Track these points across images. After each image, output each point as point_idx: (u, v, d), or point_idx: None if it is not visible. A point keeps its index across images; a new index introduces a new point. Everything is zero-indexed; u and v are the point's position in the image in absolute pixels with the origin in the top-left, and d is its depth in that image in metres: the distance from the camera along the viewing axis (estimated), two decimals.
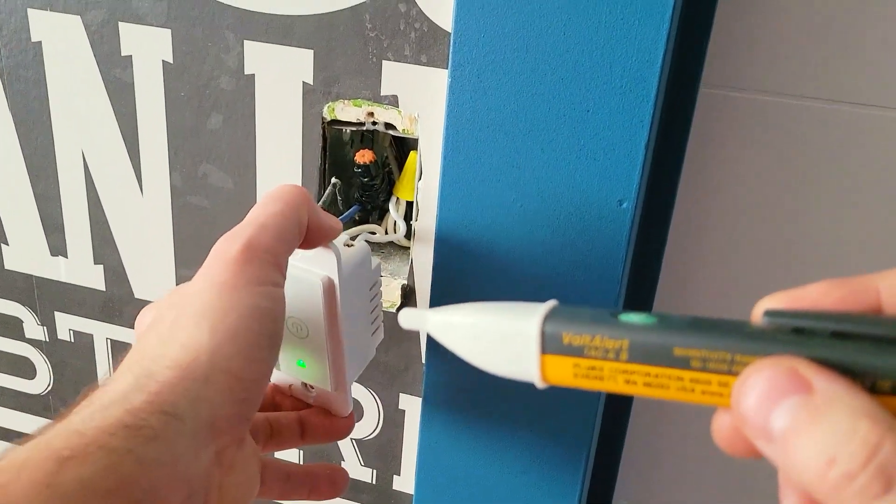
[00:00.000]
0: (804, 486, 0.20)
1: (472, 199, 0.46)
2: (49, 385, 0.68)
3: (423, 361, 0.54)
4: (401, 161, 0.57)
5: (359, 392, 0.58)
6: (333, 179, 0.52)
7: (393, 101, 0.48)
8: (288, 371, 0.46)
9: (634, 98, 0.41)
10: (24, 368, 0.68)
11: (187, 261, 0.58)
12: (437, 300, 0.51)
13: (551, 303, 0.27)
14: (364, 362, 0.50)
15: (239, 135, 0.52)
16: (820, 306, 0.23)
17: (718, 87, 0.52)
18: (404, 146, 0.58)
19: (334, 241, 0.42)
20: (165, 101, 0.53)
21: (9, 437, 0.72)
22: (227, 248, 0.36)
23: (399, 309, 0.53)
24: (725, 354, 0.22)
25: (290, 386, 0.48)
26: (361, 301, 0.47)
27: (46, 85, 0.55)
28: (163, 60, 0.51)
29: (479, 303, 0.29)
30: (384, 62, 0.47)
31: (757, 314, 0.24)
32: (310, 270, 0.41)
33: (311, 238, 0.40)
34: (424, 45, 0.46)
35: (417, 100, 0.47)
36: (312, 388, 0.46)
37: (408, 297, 0.53)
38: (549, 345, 0.26)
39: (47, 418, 0.70)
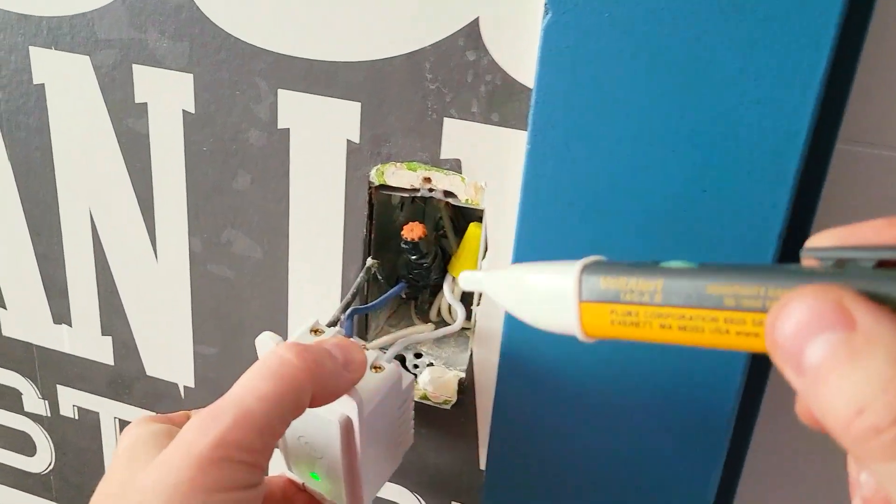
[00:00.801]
0: (827, 427, 0.19)
1: None
2: (50, 464, 0.60)
3: (484, 468, 0.46)
4: (458, 228, 0.49)
5: (399, 494, 0.50)
6: (369, 261, 0.44)
7: (455, 166, 0.40)
8: (300, 477, 0.40)
9: (769, 182, 0.33)
10: (23, 444, 0.60)
11: (206, 338, 0.50)
12: (503, 402, 0.42)
13: (596, 256, 0.27)
14: (388, 474, 0.43)
15: (269, 198, 0.44)
16: (871, 242, 0.21)
17: (854, 143, 0.44)
18: (463, 212, 0.50)
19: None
20: (185, 156, 0.45)
21: None
22: (195, 440, 0.29)
23: (454, 405, 0.45)
24: (759, 289, 0.21)
25: (303, 483, 0.41)
26: (387, 425, 0.40)
27: (50, 133, 0.48)
28: (183, 110, 0.44)
29: (541, 263, 0.29)
30: (446, 120, 0.39)
31: (809, 245, 0.22)
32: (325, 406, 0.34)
33: (322, 402, 0.33)
34: (496, 101, 0.37)
35: (485, 165, 0.39)
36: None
37: (465, 392, 0.45)
38: (587, 292, 0.25)
39: (48, 500, 0.62)
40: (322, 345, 0.33)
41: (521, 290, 0.28)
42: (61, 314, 0.53)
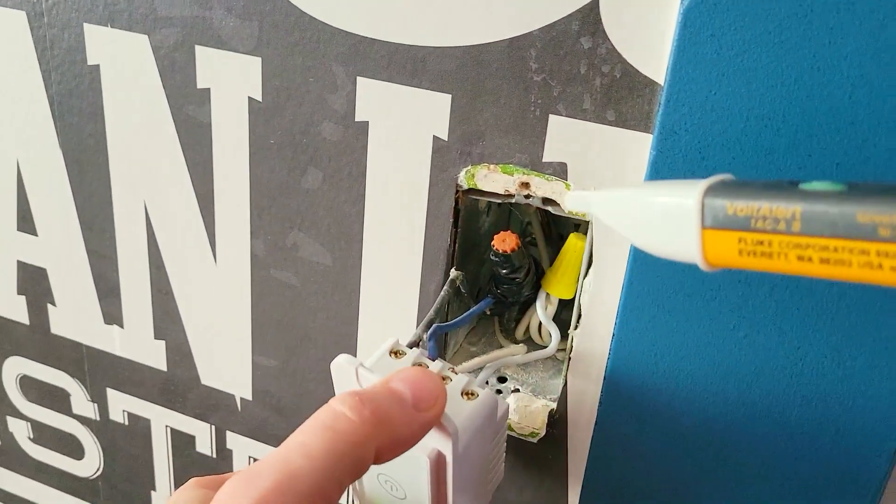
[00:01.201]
0: None
1: (672, 317, 0.33)
2: (99, 469, 0.57)
3: None
4: (548, 236, 0.43)
5: None
6: (453, 273, 0.39)
7: (559, 171, 0.34)
8: None
9: None
10: (71, 447, 0.57)
11: (266, 348, 0.45)
12: (602, 441, 0.37)
13: (722, 175, 0.24)
14: None
15: (342, 199, 0.39)
16: None
17: None
18: (555, 219, 0.44)
19: (447, 412, 0.29)
20: (250, 150, 0.40)
21: None
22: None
23: (542, 439, 0.40)
24: None
25: None
26: (481, 460, 0.35)
27: (104, 120, 0.43)
28: (249, 97, 0.39)
29: (657, 182, 0.27)
30: (551, 117, 0.33)
31: None
32: None
33: (392, 456, 0.27)
34: (614, 96, 0.32)
35: (595, 172, 0.33)
36: None
37: (555, 425, 0.39)
38: (711, 218, 0.22)
39: None
40: (388, 383, 0.28)
41: (636, 213, 0.25)
42: (112, 314, 0.49)
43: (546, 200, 0.36)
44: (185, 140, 0.42)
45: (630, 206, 0.26)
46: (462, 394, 0.32)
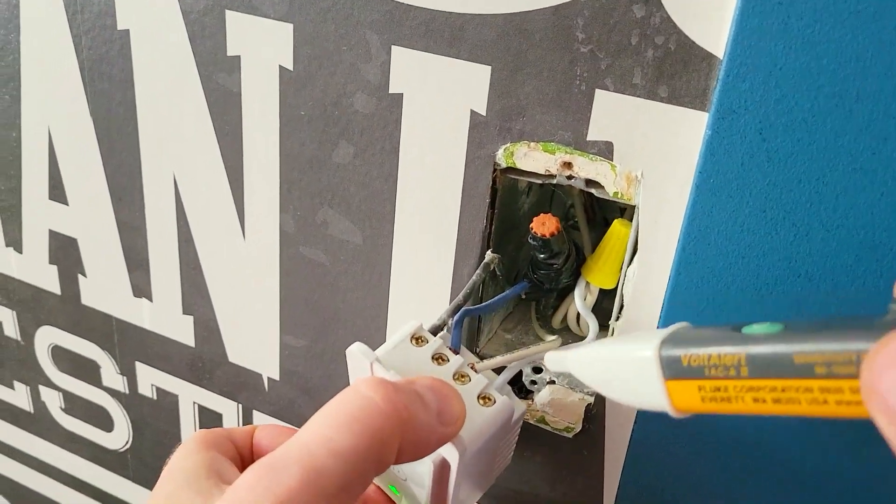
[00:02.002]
0: None
1: (722, 312, 0.30)
2: (128, 442, 0.56)
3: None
4: (591, 220, 0.41)
5: None
6: (488, 255, 0.36)
7: (604, 151, 0.32)
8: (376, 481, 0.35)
9: None
10: (101, 419, 0.57)
11: (295, 327, 0.44)
12: (643, 440, 0.35)
13: (677, 325, 0.25)
14: (479, 495, 0.37)
15: (374, 174, 0.37)
16: None
17: None
18: (599, 202, 0.42)
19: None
20: (280, 121, 0.39)
21: (84, 489, 0.62)
22: (251, 502, 0.23)
23: (577, 434, 0.38)
24: (850, 355, 0.19)
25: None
26: (487, 459, 0.33)
27: (134, 87, 0.42)
28: (280, 66, 0.37)
29: (624, 335, 0.28)
30: (598, 92, 0.31)
31: None
32: None
33: (407, 460, 0.26)
34: (667, 71, 0.29)
35: (644, 152, 0.31)
36: None
37: (592, 420, 0.37)
38: (670, 369, 0.24)
39: (125, 478, 0.58)
40: (413, 386, 0.27)
41: (606, 370, 0.27)
42: (141, 287, 0.48)
43: (589, 182, 0.33)
44: (214, 109, 0.40)
45: (600, 364, 0.27)
46: (478, 398, 0.30)
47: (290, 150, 0.39)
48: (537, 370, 0.39)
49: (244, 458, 0.31)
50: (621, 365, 0.26)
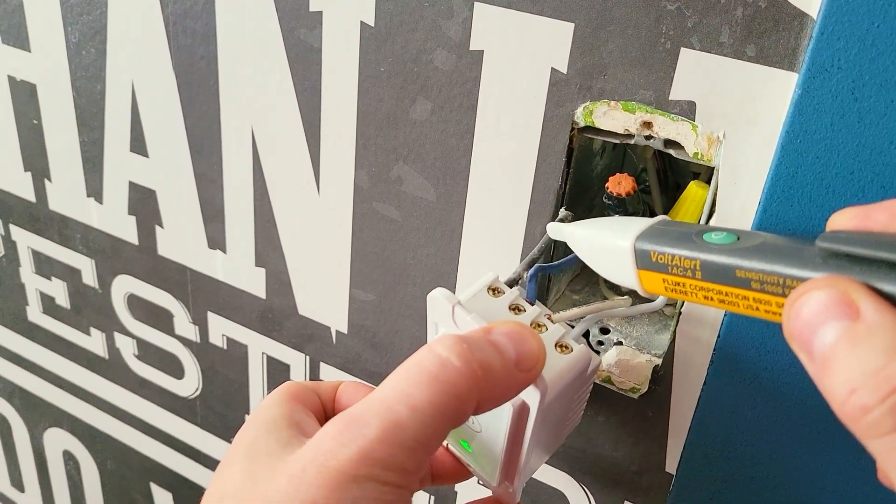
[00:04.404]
0: (832, 407, 0.21)
1: None
2: (198, 390, 0.58)
3: (673, 471, 0.39)
4: (664, 185, 0.41)
5: (565, 483, 0.43)
6: (562, 213, 0.37)
7: (686, 111, 0.32)
8: (447, 440, 0.36)
9: None
10: (172, 366, 0.59)
11: (364, 282, 0.45)
12: (711, 403, 0.35)
13: (655, 219, 0.29)
14: (548, 456, 0.38)
15: (450, 132, 0.38)
16: (889, 229, 0.22)
17: None
18: (672, 165, 0.42)
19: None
20: (359, 77, 0.39)
21: (154, 434, 0.64)
22: (333, 451, 0.24)
23: (643, 395, 0.38)
24: (778, 279, 0.23)
25: (447, 444, 0.36)
26: (562, 410, 0.34)
27: (216, 42, 0.43)
28: (361, 22, 0.38)
29: (612, 218, 0.32)
30: (683, 51, 0.31)
31: (829, 226, 0.24)
32: None
33: (487, 409, 0.27)
34: (756, 29, 0.29)
35: (727, 113, 0.31)
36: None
37: (659, 382, 0.37)
38: (641, 261, 0.28)
39: (193, 424, 0.61)
40: (490, 335, 0.27)
41: (591, 249, 0.31)
42: (216, 239, 0.50)
43: (668, 143, 0.33)
44: (294, 65, 0.41)
45: (588, 243, 0.31)
46: (556, 345, 0.31)
47: (368, 107, 0.40)
48: (605, 331, 0.40)
49: (327, 412, 0.32)
50: (604, 248, 0.30)
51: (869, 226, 0.23)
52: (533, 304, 0.32)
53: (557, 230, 0.34)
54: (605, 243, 0.30)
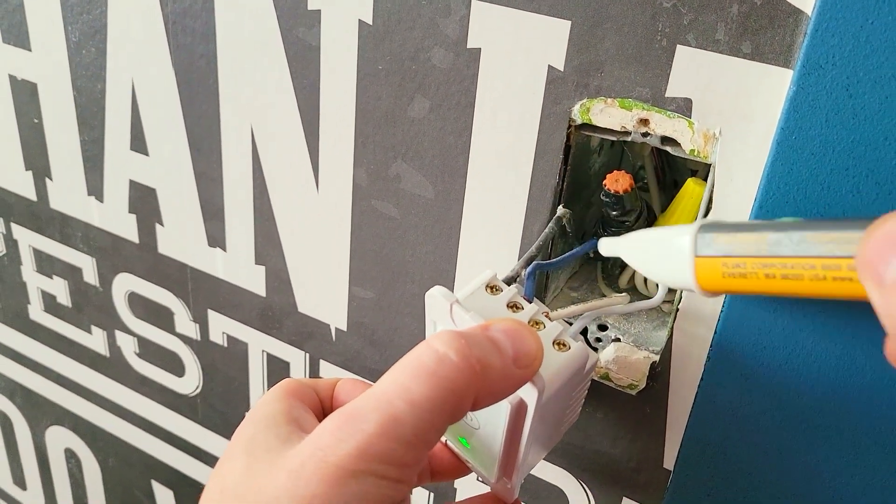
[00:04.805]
0: (887, 330, 0.21)
1: None
2: (198, 387, 0.59)
3: (670, 467, 0.39)
4: (662, 182, 0.41)
5: (563, 479, 0.44)
6: (560, 210, 0.37)
7: (682, 108, 0.32)
8: (446, 436, 0.36)
9: None
10: (173, 364, 0.59)
11: (363, 279, 0.45)
12: (708, 400, 0.35)
13: (714, 218, 0.30)
14: (545, 453, 0.38)
15: (448, 129, 0.38)
16: None
17: None
18: (670, 162, 0.42)
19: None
20: (357, 75, 0.39)
21: (155, 431, 0.64)
22: (332, 447, 0.24)
23: (640, 391, 0.38)
24: (851, 235, 0.22)
25: (445, 441, 0.36)
26: (559, 407, 0.34)
27: (216, 40, 0.43)
28: (359, 20, 0.38)
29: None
30: (679, 48, 0.31)
31: None
32: None
33: (485, 405, 0.27)
34: (752, 26, 0.29)
35: (723, 109, 0.31)
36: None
37: (656, 379, 0.37)
38: (702, 247, 0.27)
39: (194, 421, 0.61)
40: (488, 331, 0.27)
41: (648, 250, 0.30)
42: (216, 237, 0.50)
43: (665, 140, 0.33)
44: (293, 63, 0.41)
45: (645, 244, 0.31)
46: (554, 343, 0.31)
47: (366, 105, 0.40)
48: (602, 327, 0.40)
49: (325, 408, 0.33)
50: (663, 244, 0.29)
51: None
52: (531, 302, 0.32)
53: (611, 245, 0.33)
54: (664, 238, 0.29)
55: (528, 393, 0.29)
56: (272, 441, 0.27)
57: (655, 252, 0.30)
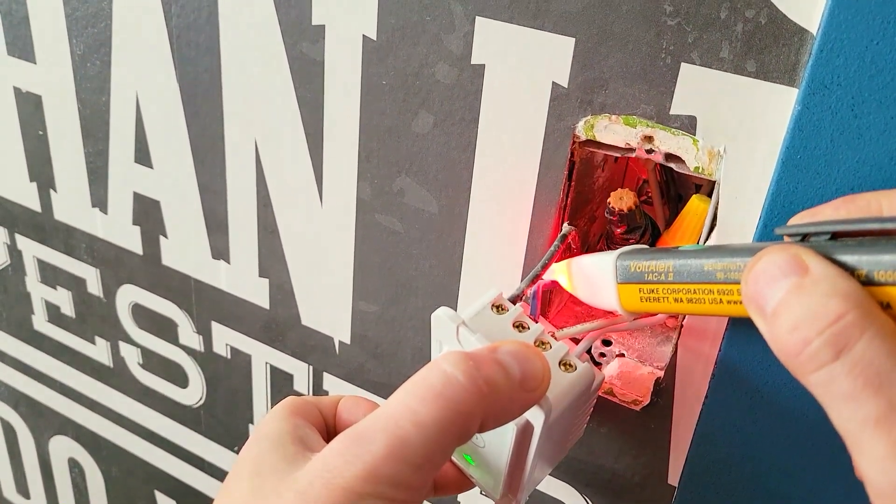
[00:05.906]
0: (780, 359, 0.22)
1: None
2: (201, 398, 0.59)
3: (675, 483, 0.39)
4: (666, 198, 0.41)
5: (568, 494, 0.43)
6: (565, 227, 0.37)
7: (687, 125, 0.32)
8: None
9: None
10: (176, 375, 0.59)
11: (367, 293, 0.45)
12: (713, 416, 0.35)
13: (635, 246, 0.32)
14: (551, 469, 0.38)
15: (453, 144, 0.38)
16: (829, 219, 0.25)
17: None
18: (674, 178, 0.42)
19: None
20: (361, 90, 0.39)
21: (158, 442, 0.64)
22: (339, 469, 0.24)
23: (645, 407, 0.38)
24: (741, 263, 0.25)
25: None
26: (565, 426, 0.34)
27: (220, 55, 0.43)
28: (364, 36, 0.38)
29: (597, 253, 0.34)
30: (683, 66, 0.31)
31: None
32: None
33: (492, 427, 0.27)
34: (757, 45, 0.29)
35: (728, 127, 0.31)
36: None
37: (660, 394, 0.37)
38: (621, 276, 0.30)
39: (197, 433, 0.61)
40: (496, 354, 0.27)
41: (578, 277, 0.33)
42: (220, 249, 0.50)
43: (669, 157, 0.33)
44: (297, 78, 0.41)
45: (575, 270, 0.33)
46: (560, 364, 0.31)
47: (370, 119, 0.40)
48: (607, 343, 0.40)
49: (329, 426, 0.33)
50: (590, 271, 0.32)
51: (816, 219, 0.26)
52: (536, 321, 0.32)
53: (550, 271, 0.36)
54: (589, 265, 0.32)
55: (534, 415, 0.29)
56: (279, 462, 0.27)
57: (585, 276, 0.33)
